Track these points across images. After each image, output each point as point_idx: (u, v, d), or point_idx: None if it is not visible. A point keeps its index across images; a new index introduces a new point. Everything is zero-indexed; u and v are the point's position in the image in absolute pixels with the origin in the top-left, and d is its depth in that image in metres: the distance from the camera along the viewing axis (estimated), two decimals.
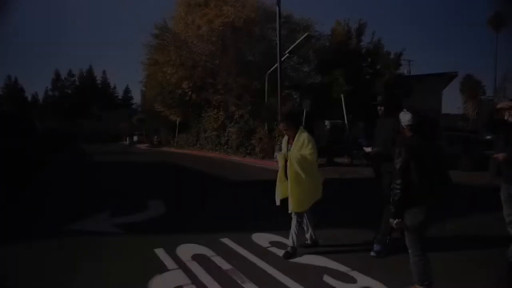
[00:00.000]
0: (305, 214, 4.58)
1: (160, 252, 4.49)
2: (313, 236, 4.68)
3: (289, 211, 4.39)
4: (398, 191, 2.98)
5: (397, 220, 3.05)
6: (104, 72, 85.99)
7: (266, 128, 17.57)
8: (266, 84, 18.30)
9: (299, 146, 4.39)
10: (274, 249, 4.58)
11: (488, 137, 9.84)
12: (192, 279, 3.70)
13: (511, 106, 3.76)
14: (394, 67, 22.72)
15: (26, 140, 9.69)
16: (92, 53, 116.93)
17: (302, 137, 4.41)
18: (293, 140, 4.45)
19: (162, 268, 3.99)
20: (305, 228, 4.66)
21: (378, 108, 4.46)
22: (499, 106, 3.90)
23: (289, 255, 4.32)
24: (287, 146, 4.55)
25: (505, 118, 3.87)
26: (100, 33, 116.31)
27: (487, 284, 3.56)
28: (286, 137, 4.65)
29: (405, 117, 3.09)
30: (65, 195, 8.99)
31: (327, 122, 16.20)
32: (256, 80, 20.15)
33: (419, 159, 2.94)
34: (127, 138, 51.82)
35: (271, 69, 17.72)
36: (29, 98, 77.29)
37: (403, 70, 30.42)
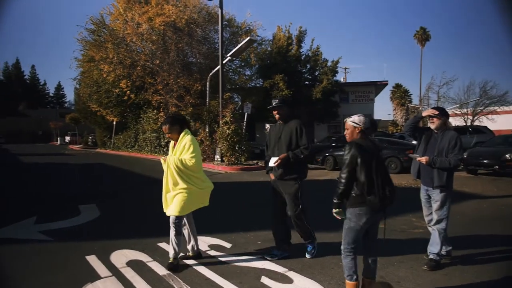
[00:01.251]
0: (186, 224, 4.33)
1: (92, 259, 4.28)
2: (195, 247, 4.36)
3: (167, 214, 4.16)
4: (342, 184, 3.12)
5: (337, 210, 3.20)
6: (33, 66, 79.99)
7: (207, 130, 17.47)
8: (207, 86, 18.20)
9: (181, 150, 4.13)
10: (212, 252, 4.58)
11: (414, 142, 10.68)
12: (126, 287, 3.57)
13: (434, 114, 4.12)
14: (331, 74, 23.79)
15: None
16: (19, 46, 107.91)
17: (184, 140, 4.13)
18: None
19: (94, 276, 3.80)
20: (186, 238, 4.38)
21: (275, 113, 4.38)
22: (424, 114, 4.26)
23: (172, 266, 3.99)
24: (172, 150, 4.25)
25: (428, 125, 4.25)
26: (29, 25, 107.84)
27: (401, 275, 3.86)
28: (172, 142, 4.32)
29: (363, 120, 3.26)
30: None
31: (267, 126, 16.52)
32: (197, 81, 19.96)
33: (366, 159, 3.09)
34: (58, 139, 48.59)
35: (213, 71, 17.68)
36: None
37: (340, 77, 31.96)
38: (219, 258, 4.37)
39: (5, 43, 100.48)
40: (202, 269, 4.01)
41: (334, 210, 3.21)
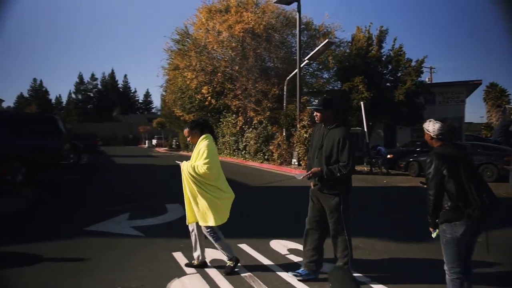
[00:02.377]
0: (195, 230, 4.15)
1: (178, 256, 4.52)
2: (201, 257, 4.17)
3: (200, 224, 4.01)
4: (431, 201, 2.88)
5: (434, 232, 2.95)
6: (125, 76, 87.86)
7: (284, 134, 17.54)
8: (285, 90, 18.30)
9: (196, 156, 3.98)
10: (292, 256, 4.54)
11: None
12: (210, 284, 3.69)
13: None
14: (416, 75, 22.35)
15: (52, 141, 9.90)
16: (114, 58, 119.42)
17: (201, 145, 3.97)
18: None
19: (180, 272, 4.00)
20: (193, 245, 4.19)
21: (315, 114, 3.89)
22: None
23: (228, 270, 3.96)
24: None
25: None
26: (122, 38, 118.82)
27: None
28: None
29: (434, 127, 2.99)
30: (85, 196, 9.15)
31: None
32: (275, 86, 20.17)
33: (451, 168, 2.79)
34: (146, 142, 52.63)
35: (290, 75, 17.71)
36: (53, 100, 79.49)
37: (425, 77, 29.90)
38: (299, 263, 4.31)
39: (105, 57, 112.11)
40: (283, 274, 4.00)
41: (432, 231, 2.97)
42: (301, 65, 16.77)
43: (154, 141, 49.16)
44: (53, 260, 4.37)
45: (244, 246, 4.91)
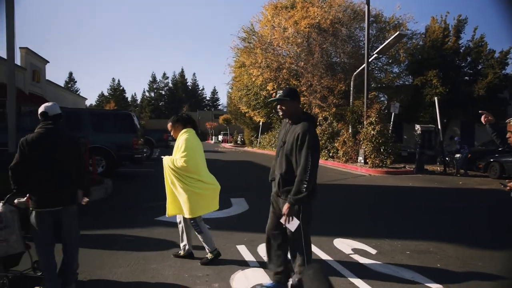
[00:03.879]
0: (182, 222, 4.25)
1: (242, 249, 4.63)
2: (187, 247, 4.29)
3: (185, 216, 4.11)
4: None
5: None
6: (194, 74, 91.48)
7: (350, 131, 17.06)
8: (351, 86, 17.78)
9: (175, 149, 4.10)
10: (356, 257, 4.42)
11: None
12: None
13: None
14: (499, 67, 20.37)
15: (129, 136, 10.68)
16: (184, 57, 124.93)
17: (180, 139, 4.08)
18: None
19: (244, 265, 4.10)
20: (180, 235, 4.33)
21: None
22: None
23: (205, 261, 4.10)
24: None
25: None
26: (192, 38, 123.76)
27: None
28: None
29: None
30: (157, 188, 9.72)
31: (417, 127, 15.13)
32: (341, 81, 19.68)
33: None
34: (213, 137, 54.49)
35: (358, 70, 17.16)
36: (129, 98, 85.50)
37: (511, 70, 27.12)
38: (364, 264, 4.19)
39: (176, 57, 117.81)
40: (346, 272, 3.92)
41: None
42: (370, 60, 16.15)
43: (220, 137, 50.74)
44: (126, 244, 4.73)
45: None
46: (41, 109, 3.38)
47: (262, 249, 4.62)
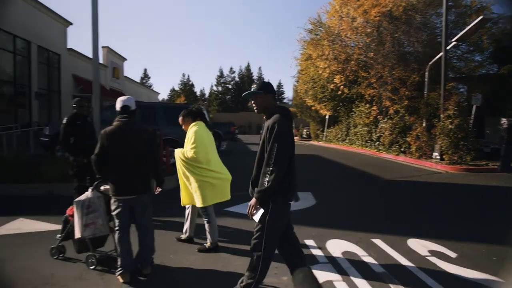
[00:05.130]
0: (190, 208, 4.50)
1: (310, 244, 4.57)
2: (188, 232, 4.58)
3: (196, 205, 4.28)
4: None
5: None
6: (260, 68, 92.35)
7: (424, 125, 16.02)
8: (426, 77, 16.64)
9: (186, 142, 4.23)
10: (433, 259, 4.14)
11: None
12: (343, 276, 3.64)
13: None
14: None
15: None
16: (250, 51, 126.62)
17: (190, 131, 4.24)
18: None
19: (312, 260, 4.04)
20: (184, 221, 4.60)
21: None
22: None
23: (204, 248, 4.29)
24: None
25: None
26: (258, 32, 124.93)
27: None
28: None
29: None
30: None
31: (503, 120, 13.72)
32: (414, 72, 18.52)
33: None
34: None
35: (434, 60, 16.00)
36: (198, 92, 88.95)
37: None
38: (442, 267, 3.91)
39: (242, 51, 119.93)
40: (422, 275, 3.69)
41: None
42: (447, 48, 14.97)
43: None
44: (197, 232, 4.91)
45: (378, 242, 4.68)
46: (120, 103, 3.61)
47: (331, 245, 4.54)
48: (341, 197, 7.99)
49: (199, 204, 4.21)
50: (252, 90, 3.01)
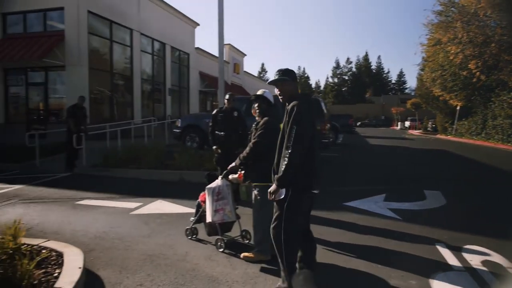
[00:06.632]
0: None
1: (442, 248, 4.15)
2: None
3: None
4: None
5: None
6: (379, 57, 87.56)
7: None
8: None
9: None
10: None
11: None
12: (480, 285, 3.21)
13: None
14: None
15: (317, 121, 11.10)
16: (369, 40, 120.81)
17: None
18: None
19: (445, 267, 3.66)
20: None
21: None
22: None
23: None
24: None
25: None
26: (378, 20, 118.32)
27: None
28: None
29: None
30: (344, 174, 9.74)
31: None
32: None
33: None
34: (399, 123, 51.13)
35: None
36: (313, 85, 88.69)
37: None
38: None
39: (360, 40, 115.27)
40: None
41: None
42: None
43: (407, 123, 47.12)
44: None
45: None
46: (272, 97, 3.88)
47: (467, 252, 4.04)
48: (477, 198, 7.08)
49: None
50: (277, 77, 2.95)
